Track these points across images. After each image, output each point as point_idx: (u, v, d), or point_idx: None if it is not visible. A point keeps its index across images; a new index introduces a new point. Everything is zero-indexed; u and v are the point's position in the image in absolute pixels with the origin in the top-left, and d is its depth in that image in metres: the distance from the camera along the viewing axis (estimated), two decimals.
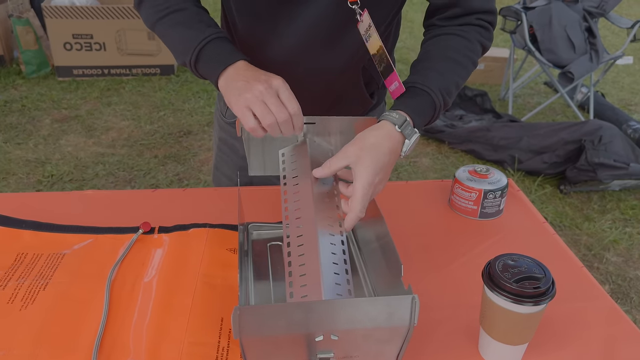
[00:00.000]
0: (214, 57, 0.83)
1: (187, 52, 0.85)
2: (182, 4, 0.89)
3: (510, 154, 2.84)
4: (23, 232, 0.91)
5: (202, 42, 0.83)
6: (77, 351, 0.70)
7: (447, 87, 0.85)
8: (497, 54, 4.08)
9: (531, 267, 0.68)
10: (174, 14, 0.88)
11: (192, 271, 0.84)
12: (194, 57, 0.84)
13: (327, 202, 0.78)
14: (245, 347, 0.60)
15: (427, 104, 0.83)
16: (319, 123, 0.85)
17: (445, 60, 0.86)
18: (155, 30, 0.91)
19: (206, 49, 0.83)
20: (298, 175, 0.81)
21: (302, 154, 0.84)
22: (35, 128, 3.16)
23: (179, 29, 0.87)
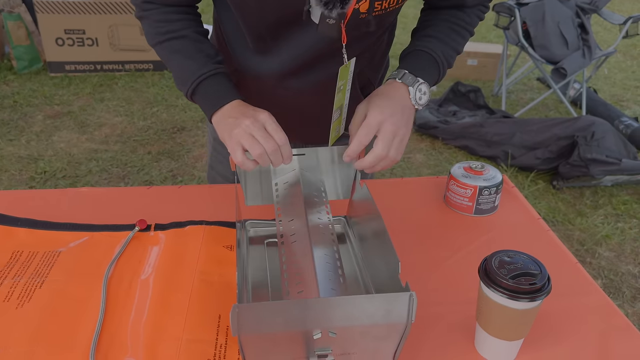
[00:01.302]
0: (210, 94, 0.86)
1: (184, 83, 0.88)
2: (183, 30, 0.88)
3: (503, 150, 2.85)
4: (18, 230, 0.91)
5: (200, 78, 0.86)
6: (74, 349, 0.69)
7: (447, 50, 0.90)
8: (490, 50, 4.09)
9: (527, 263, 0.69)
10: (174, 42, 0.89)
11: (189, 268, 0.84)
12: (190, 90, 0.87)
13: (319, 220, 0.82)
14: (244, 345, 0.61)
15: (427, 62, 0.88)
16: (309, 154, 0.89)
17: (444, 29, 0.91)
18: (154, 49, 0.92)
19: (203, 85, 0.86)
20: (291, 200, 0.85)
21: (294, 182, 0.88)
22: (27, 124, 3.14)
23: (178, 57, 0.89)
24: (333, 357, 0.65)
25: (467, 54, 4.06)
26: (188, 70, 0.87)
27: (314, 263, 0.73)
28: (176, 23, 0.89)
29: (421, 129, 3.17)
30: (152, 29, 0.90)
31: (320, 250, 0.77)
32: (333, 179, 0.92)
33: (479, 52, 4.06)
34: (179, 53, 0.88)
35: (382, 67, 1.07)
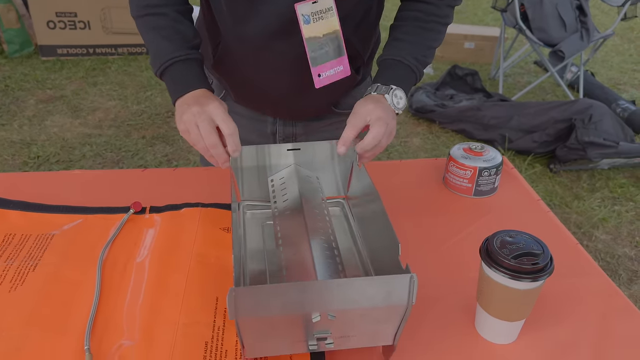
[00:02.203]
0: (177, 79, 0.87)
1: (155, 62, 0.88)
2: (163, 7, 0.88)
3: (500, 133, 2.84)
4: (10, 213, 0.89)
5: (170, 61, 0.86)
6: (69, 332, 0.68)
7: (420, 52, 0.93)
8: (487, 33, 4.05)
9: (529, 243, 0.68)
10: (152, 17, 0.88)
11: (186, 251, 0.82)
12: (159, 71, 0.88)
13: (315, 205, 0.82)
14: (241, 328, 0.59)
15: (401, 70, 0.91)
16: (304, 149, 0.89)
17: (415, 30, 0.94)
18: (135, 22, 0.91)
19: (172, 68, 0.86)
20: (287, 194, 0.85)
21: (290, 178, 0.87)
22: (19, 109, 3.10)
23: (153, 34, 0.88)
24: (332, 340, 0.64)
25: (465, 37, 4.02)
26: (161, 50, 0.87)
27: (310, 246, 0.72)
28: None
29: (418, 113, 3.15)
30: (133, 2, 0.90)
31: (317, 233, 0.76)
32: (330, 174, 0.92)
33: (476, 35, 4.02)
34: (155, 30, 0.88)
35: (372, 39, 1.05)
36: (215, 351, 0.67)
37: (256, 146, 0.87)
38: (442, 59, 4.07)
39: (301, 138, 1.11)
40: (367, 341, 0.65)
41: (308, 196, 0.83)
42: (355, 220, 0.89)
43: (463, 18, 5.30)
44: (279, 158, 0.89)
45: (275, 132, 1.10)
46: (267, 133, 1.10)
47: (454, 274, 0.83)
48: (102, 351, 0.66)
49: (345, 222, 0.90)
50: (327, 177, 0.92)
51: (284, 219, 0.80)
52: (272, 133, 1.10)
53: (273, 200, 0.85)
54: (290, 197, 0.83)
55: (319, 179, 0.91)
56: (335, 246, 0.76)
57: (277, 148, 0.88)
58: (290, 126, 1.10)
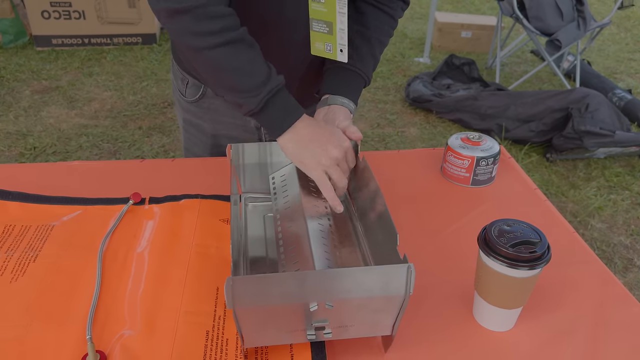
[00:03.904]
0: (278, 111, 0.79)
1: (246, 99, 0.78)
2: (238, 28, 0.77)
3: (497, 123, 2.84)
4: (10, 204, 0.89)
5: (275, 89, 0.78)
6: (71, 322, 0.69)
7: (374, 68, 0.99)
8: (484, 22, 4.04)
9: (527, 232, 0.69)
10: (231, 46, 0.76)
11: (186, 242, 0.83)
12: (258, 108, 0.79)
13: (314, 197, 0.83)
14: (239, 317, 0.60)
15: (362, 88, 0.97)
16: None
17: (378, 45, 0.98)
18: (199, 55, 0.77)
19: (279, 96, 0.79)
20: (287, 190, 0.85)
21: (291, 175, 0.87)
22: (14, 99, 3.08)
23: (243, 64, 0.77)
24: (330, 330, 0.64)
25: (461, 26, 4.01)
26: (256, 80, 0.77)
27: (309, 236, 0.73)
28: (228, 18, 0.76)
29: (415, 103, 3.15)
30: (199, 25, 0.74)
31: (315, 223, 0.76)
32: None
33: (473, 24, 4.01)
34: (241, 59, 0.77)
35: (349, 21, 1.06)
36: (217, 340, 0.67)
37: (258, 143, 0.87)
38: (439, 48, 4.07)
39: None
40: (366, 331, 0.66)
41: (308, 193, 0.83)
42: (356, 210, 0.89)
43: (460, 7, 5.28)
44: (280, 155, 0.89)
45: (260, 127, 1.08)
46: (252, 128, 1.09)
47: (451, 262, 0.84)
48: (104, 340, 0.66)
49: (345, 212, 0.91)
50: None
51: (285, 214, 0.81)
52: (257, 127, 1.09)
53: (274, 198, 0.86)
54: (291, 194, 0.84)
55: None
56: (334, 239, 0.77)
57: (278, 146, 0.87)
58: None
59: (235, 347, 0.67)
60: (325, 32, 0.89)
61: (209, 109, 1.06)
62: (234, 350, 0.67)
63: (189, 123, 1.12)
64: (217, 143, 1.10)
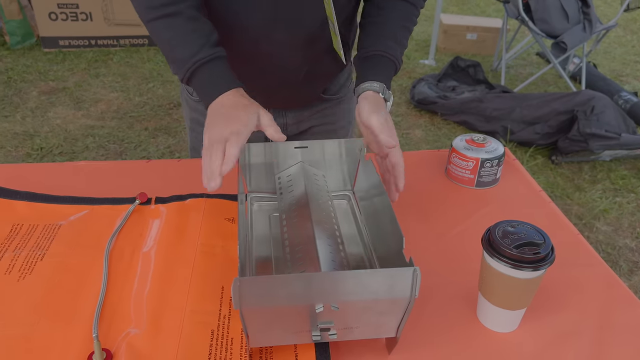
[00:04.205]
0: (206, 82, 0.83)
1: (179, 68, 0.83)
2: (175, 5, 0.83)
3: (502, 125, 2.84)
4: (17, 203, 0.90)
5: (196, 64, 0.82)
6: (77, 321, 0.69)
7: (401, 53, 0.97)
8: (490, 24, 4.04)
9: (531, 233, 0.69)
10: (167, 19, 0.83)
11: (191, 241, 0.83)
12: (186, 77, 0.83)
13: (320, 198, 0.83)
14: (245, 318, 0.60)
15: (392, 70, 0.95)
16: (312, 147, 0.89)
17: (400, 29, 0.96)
18: (146, 26, 0.86)
19: (200, 71, 0.82)
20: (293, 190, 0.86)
21: (297, 175, 0.88)
22: (22, 100, 3.10)
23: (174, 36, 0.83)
24: (335, 331, 0.64)
25: (467, 28, 4.01)
26: (183, 53, 0.82)
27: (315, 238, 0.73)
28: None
29: (420, 105, 3.15)
30: (143, 2, 0.84)
31: (322, 227, 0.76)
32: (338, 171, 0.92)
33: (479, 27, 4.01)
34: (173, 29, 0.83)
35: (354, 26, 1.06)
36: (222, 339, 0.68)
37: (264, 143, 0.88)
38: (445, 50, 4.07)
39: (292, 127, 1.12)
40: (370, 333, 0.66)
41: (314, 194, 0.84)
42: (362, 213, 0.90)
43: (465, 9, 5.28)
44: (286, 156, 0.89)
45: None
46: None
47: (456, 264, 0.84)
48: (110, 339, 0.67)
49: (351, 214, 0.91)
50: (334, 175, 0.93)
51: (290, 215, 0.81)
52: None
53: (279, 198, 0.86)
54: (297, 194, 0.84)
55: (325, 177, 0.92)
56: (340, 241, 0.77)
57: (284, 146, 0.88)
58: (281, 117, 1.10)
59: (240, 347, 0.67)
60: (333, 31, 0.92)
61: None
62: (238, 349, 0.67)
63: (197, 122, 1.12)
64: None
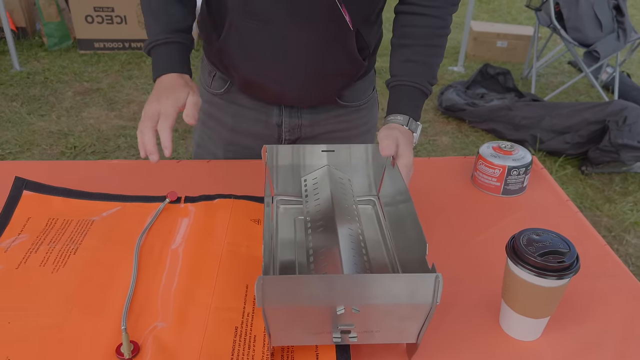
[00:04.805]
0: (157, 61, 0.92)
1: (145, 43, 0.95)
2: None
3: (531, 134, 2.81)
4: (53, 199, 0.93)
5: (153, 43, 0.92)
6: (107, 313, 0.72)
7: (432, 74, 0.97)
8: (521, 32, 4.00)
9: (556, 242, 0.69)
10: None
11: (218, 240, 0.85)
12: (146, 51, 0.94)
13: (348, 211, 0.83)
14: (268, 316, 0.61)
15: (419, 99, 0.96)
16: (338, 151, 0.90)
17: (424, 49, 0.96)
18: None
19: (154, 51, 0.93)
20: (319, 194, 0.87)
21: (323, 178, 0.89)
22: (57, 100, 3.20)
23: (147, 14, 0.94)
24: (356, 334, 0.65)
25: (497, 36, 3.98)
26: (149, 31, 0.93)
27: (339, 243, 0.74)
28: None
29: (448, 111, 3.14)
30: None
31: (346, 231, 0.77)
32: (364, 176, 0.93)
33: (509, 34, 3.97)
34: (148, 11, 0.94)
35: (378, 31, 1.06)
36: (245, 336, 0.69)
37: (292, 145, 0.89)
38: (474, 58, 4.04)
39: (306, 130, 1.12)
40: (391, 338, 0.66)
41: (339, 197, 0.85)
42: (386, 219, 0.90)
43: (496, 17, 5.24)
44: (312, 158, 0.91)
45: (281, 124, 1.11)
46: (273, 124, 1.11)
47: (479, 271, 0.84)
48: (137, 331, 0.69)
49: (375, 219, 0.92)
50: (359, 179, 0.93)
51: (315, 218, 0.82)
52: (277, 124, 1.11)
53: (305, 200, 0.87)
54: (322, 197, 0.85)
55: (350, 181, 0.92)
56: (363, 245, 0.78)
57: (311, 149, 0.89)
58: (296, 118, 1.10)
59: (263, 345, 0.69)
60: None
61: (233, 102, 1.10)
62: (261, 347, 0.68)
63: (210, 116, 1.14)
64: (234, 140, 1.13)
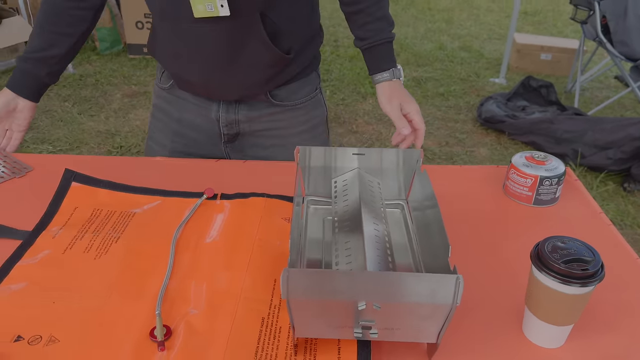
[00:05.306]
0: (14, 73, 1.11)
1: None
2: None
3: (573, 148, 2.75)
4: (99, 191, 0.99)
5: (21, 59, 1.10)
6: (143, 298, 0.76)
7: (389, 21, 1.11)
8: (565, 45, 3.93)
9: (581, 249, 0.69)
10: (42, 6, 1.08)
11: (250, 235, 0.89)
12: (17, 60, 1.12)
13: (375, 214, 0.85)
14: (292, 308, 0.64)
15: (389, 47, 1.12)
16: (369, 154, 0.93)
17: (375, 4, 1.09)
18: None
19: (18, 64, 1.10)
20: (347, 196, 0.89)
21: (352, 181, 0.92)
22: (107, 102, 3.34)
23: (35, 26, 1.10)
24: (377, 330, 0.67)
25: (541, 48, 3.92)
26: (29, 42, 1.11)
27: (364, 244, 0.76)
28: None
29: (487, 123, 3.11)
30: None
31: (371, 229, 0.79)
32: (393, 180, 0.95)
33: (554, 47, 3.91)
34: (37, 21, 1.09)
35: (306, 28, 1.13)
36: (271, 327, 0.72)
37: (325, 148, 0.92)
38: (517, 70, 3.99)
39: (244, 125, 1.17)
40: (411, 336, 0.68)
41: (367, 200, 0.87)
42: (414, 222, 0.92)
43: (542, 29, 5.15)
44: (344, 161, 0.93)
45: (219, 118, 1.17)
46: (212, 118, 1.17)
47: (505, 278, 0.84)
48: (171, 316, 0.73)
49: (403, 223, 0.93)
50: (390, 183, 0.95)
51: (342, 219, 0.85)
52: (217, 119, 1.17)
53: (334, 201, 0.90)
54: (350, 199, 0.88)
55: (380, 185, 0.95)
56: (388, 246, 0.79)
57: (343, 151, 0.92)
58: (233, 113, 1.16)
59: (287, 336, 0.72)
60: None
61: (178, 97, 1.19)
62: (285, 338, 0.71)
63: (158, 108, 1.23)
64: (180, 131, 1.21)
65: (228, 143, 1.20)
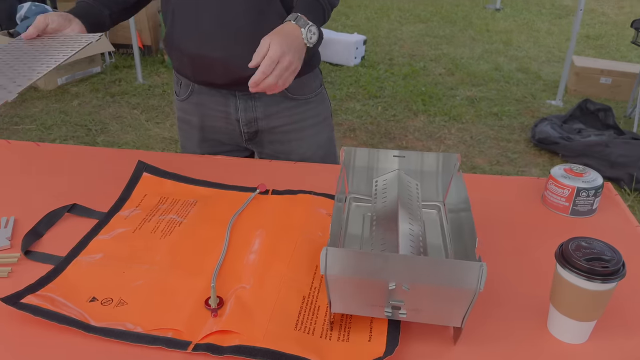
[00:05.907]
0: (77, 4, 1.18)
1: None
2: None
3: (628, 172, 2.69)
4: (166, 181, 1.12)
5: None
6: (201, 273, 0.86)
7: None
8: (626, 69, 3.84)
9: (603, 249, 0.73)
10: None
11: (296, 227, 0.98)
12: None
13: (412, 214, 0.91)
14: (329, 283, 0.72)
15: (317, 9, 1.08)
16: (409, 157, 0.99)
17: None
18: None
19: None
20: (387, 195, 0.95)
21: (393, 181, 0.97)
22: (172, 111, 3.55)
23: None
24: (405, 311, 0.73)
25: (601, 72, 3.85)
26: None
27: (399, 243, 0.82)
28: None
29: (540, 144, 3.09)
30: None
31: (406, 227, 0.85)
32: (432, 183, 1.00)
33: (614, 71, 3.83)
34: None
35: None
36: (310, 305, 0.80)
37: (368, 149, 0.99)
38: (575, 93, 3.93)
39: (262, 123, 1.25)
40: (437, 319, 0.74)
41: (405, 200, 0.93)
42: (449, 223, 0.98)
43: (604, 53, 5.04)
44: (386, 162, 1.00)
45: (239, 119, 1.25)
46: (233, 120, 1.26)
47: (534, 278, 0.89)
48: (224, 289, 0.83)
49: (438, 225, 0.99)
50: (428, 185, 1.01)
51: (380, 216, 0.92)
52: (237, 119, 1.25)
53: (374, 200, 0.97)
54: (389, 199, 0.94)
55: (418, 186, 1.01)
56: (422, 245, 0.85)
57: (385, 153, 0.99)
58: (251, 111, 1.24)
59: (325, 314, 0.79)
60: None
61: (197, 104, 1.28)
62: (323, 315, 0.79)
63: (182, 120, 1.33)
64: (205, 137, 1.31)
65: (249, 141, 1.31)
